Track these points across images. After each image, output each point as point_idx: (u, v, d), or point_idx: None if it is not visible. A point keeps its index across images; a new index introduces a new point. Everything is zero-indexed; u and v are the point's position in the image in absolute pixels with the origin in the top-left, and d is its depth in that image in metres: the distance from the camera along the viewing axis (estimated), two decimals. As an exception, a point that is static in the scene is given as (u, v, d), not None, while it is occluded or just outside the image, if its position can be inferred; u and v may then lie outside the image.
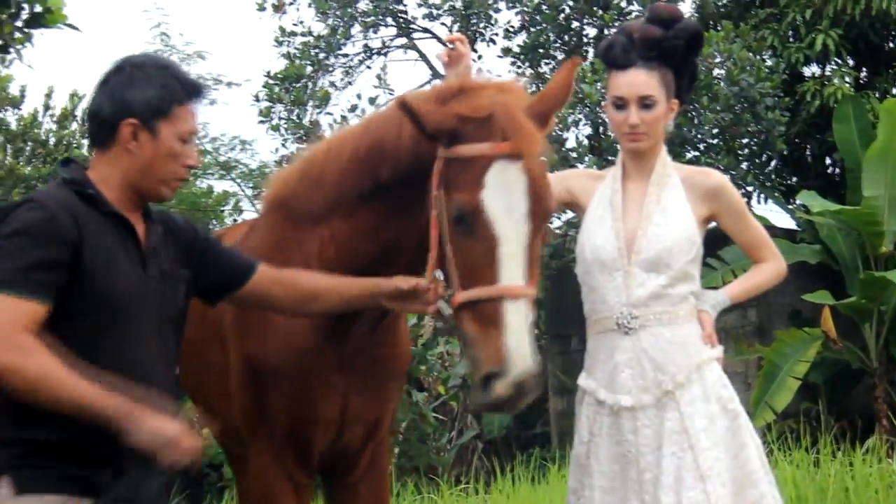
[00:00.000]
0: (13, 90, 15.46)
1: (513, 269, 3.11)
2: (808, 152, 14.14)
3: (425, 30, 15.56)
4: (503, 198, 3.14)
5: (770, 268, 4.07)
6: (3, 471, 2.95)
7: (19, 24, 5.28)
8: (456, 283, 3.18)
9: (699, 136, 12.56)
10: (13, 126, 15.64)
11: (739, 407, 3.82)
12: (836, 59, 13.15)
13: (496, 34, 15.00)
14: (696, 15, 14.04)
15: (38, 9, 5.24)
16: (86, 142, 14.22)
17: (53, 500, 2.95)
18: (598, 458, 3.77)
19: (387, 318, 3.69)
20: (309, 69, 14.69)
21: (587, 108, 12.37)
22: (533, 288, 3.15)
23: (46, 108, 15.79)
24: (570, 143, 13.12)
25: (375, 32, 15.25)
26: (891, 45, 13.69)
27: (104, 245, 3.06)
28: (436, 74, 15.68)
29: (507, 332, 3.03)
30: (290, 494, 3.72)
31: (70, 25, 5.34)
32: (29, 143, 15.55)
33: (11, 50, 5.28)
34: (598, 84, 11.98)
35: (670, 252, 3.76)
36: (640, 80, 3.79)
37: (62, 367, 2.91)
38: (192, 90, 3.24)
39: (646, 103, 3.79)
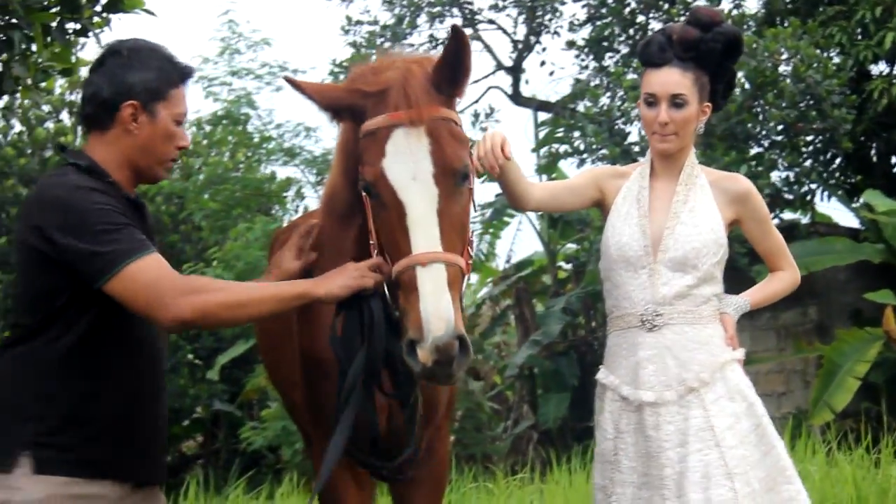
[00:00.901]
0: (84, 73, 15.65)
1: (421, 235, 3.08)
2: (873, 151, 13.99)
3: (491, 21, 15.55)
4: (403, 164, 3.12)
5: (787, 276, 4.05)
6: (24, 447, 3.04)
7: (98, 8, 5.35)
8: (388, 258, 3.19)
9: (764, 132, 12.46)
10: (83, 108, 15.86)
11: (763, 409, 3.81)
12: (904, 57, 12.98)
13: (561, 27, 14.98)
14: (762, 11, 13.92)
15: (117, -7, 5.31)
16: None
17: (63, 481, 3.04)
18: (628, 454, 3.76)
19: None
20: (374, 58, 14.75)
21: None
22: (451, 252, 3.09)
23: (116, 91, 15.96)
24: (633, 137, 13.08)
25: (441, 23, 15.25)
26: (961, 44, 13.48)
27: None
28: (500, 66, 15.68)
29: (421, 299, 2.99)
30: (349, 481, 3.73)
31: (147, 11, 5.40)
32: (98, 125, 15.77)
33: (91, 34, 5.35)
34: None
35: (698, 253, 3.76)
36: (672, 79, 3.79)
37: (233, 286, 3.21)
38: (185, 73, 3.33)
39: (676, 102, 3.77)
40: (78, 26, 5.38)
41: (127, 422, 3.17)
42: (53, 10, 5.26)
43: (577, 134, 13.38)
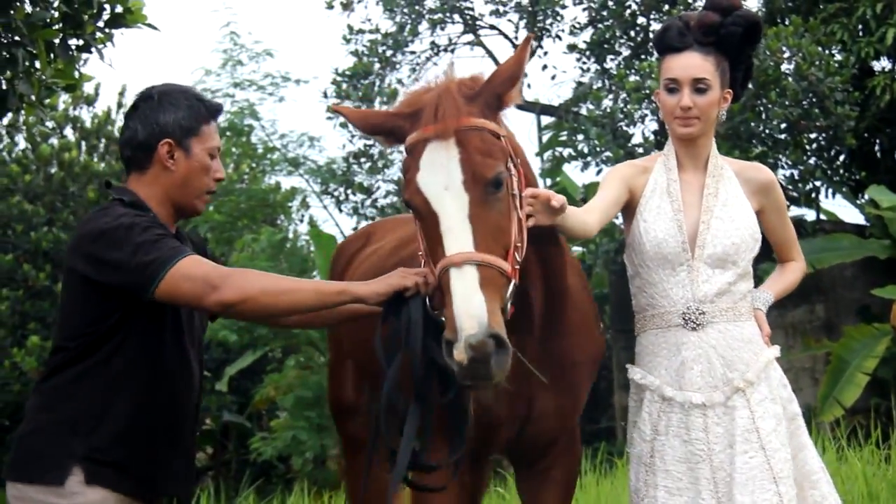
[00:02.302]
0: (88, 88, 15.70)
1: (453, 239, 3.12)
2: (877, 147, 13.99)
3: (492, 27, 15.60)
4: (434, 176, 3.19)
5: (799, 267, 4.03)
6: (76, 460, 3.22)
7: (101, 24, 5.40)
8: (430, 273, 3.25)
9: (767, 130, 12.48)
10: (88, 123, 15.92)
11: (797, 408, 3.79)
12: (906, 53, 13.00)
13: (562, 30, 15.03)
14: (763, 10, 13.94)
15: (119, 9, 5.35)
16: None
17: (109, 494, 3.24)
18: (664, 457, 3.69)
19: (552, 315, 3.69)
20: (377, 66, 14.79)
21: (654, 104, 12.33)
22: (485, 253, 3.11)
23: (119, 105, 16.00)
24: (637, 139, 13.10)
25: (442, 29, 15.31)
26: (962, 38, 13.48)
27: None
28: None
29: (453, 299, 3.03)
30: (454, 491, 3.69)
31: (149, 25, 5.44)
32: (102, 140, 15.82)
33: (93, 49, 5.39)
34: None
35: (738, 249, 3.70)
36: (694, 63, 3.71)
37: (278, 279, 3.32)
38: (214, 110, 3.54)
39: (699, 87, 3.70)
40: (81, 42, 5.43)
41: (169, 437, 3.39)
42: (56, 26, 5.31)
43: (580, 137, 13.40)
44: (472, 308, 3.00)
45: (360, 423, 4.71)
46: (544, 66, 15.38)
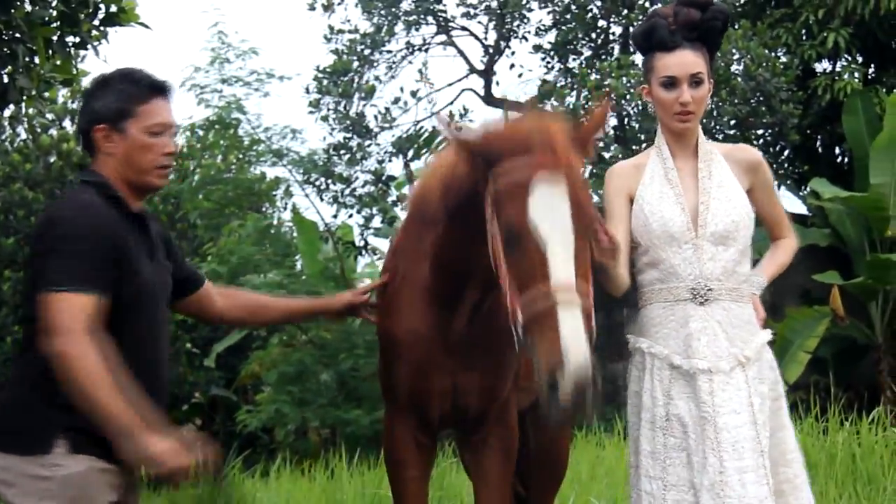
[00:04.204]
0: (85, 83, 15.57)
1: (561, 269, 3.00)
2: (819, 143, 14.09)
3: (463, 28, 15.57)
4: (546, 202, 3.06)
5: (791, 244, 4.01)
6: (60, 431, 3.11)
7: (96, 22, 5.38)
8: (514, 299, 3.07)
9: (718, 127, 12.54)
10: (83, 117, 15.80)
11: (782, 389, 3.78)
12: (846, 55, 13.08)
13: (528, 32, 15.03)
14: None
15: (114, 8, 5.33)
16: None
17: (94, 460, 3.13)
18: (683, 420, 3.64)
19: (482, 309, 3.68)
20: (355, 64, 14.74)
21: (613, 101, 12.36)
22: (585, 290, 3.00)
23: (114, 99, 15.86)
24: (598, 134, 13.11)
25: (417, 30, 15.26)
26: (898, 42, 13.59)
27: (132, 240, 3.25)
28: (472, 69, 15.70)
29: (562, 329, 2.91)
30: (414, 451, 3.89)
31: (142, 24, 5.43)
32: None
33: (89, 46, 5.37)
34: (624, 79, 11.98)
35: (737, 226, 3.69)
36: (689, 59, 3.70)
37: (107, 374, 3.01)
38: (153, 88, 3.35)
39: (696, 80, 3.70)
40: (77, 39, 5.41)
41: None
42: (54, 24, 5.29)
43: (545, 132, 13.39)
44: (581, 342, 2.90)
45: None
46: (511, 65, 15.39)
